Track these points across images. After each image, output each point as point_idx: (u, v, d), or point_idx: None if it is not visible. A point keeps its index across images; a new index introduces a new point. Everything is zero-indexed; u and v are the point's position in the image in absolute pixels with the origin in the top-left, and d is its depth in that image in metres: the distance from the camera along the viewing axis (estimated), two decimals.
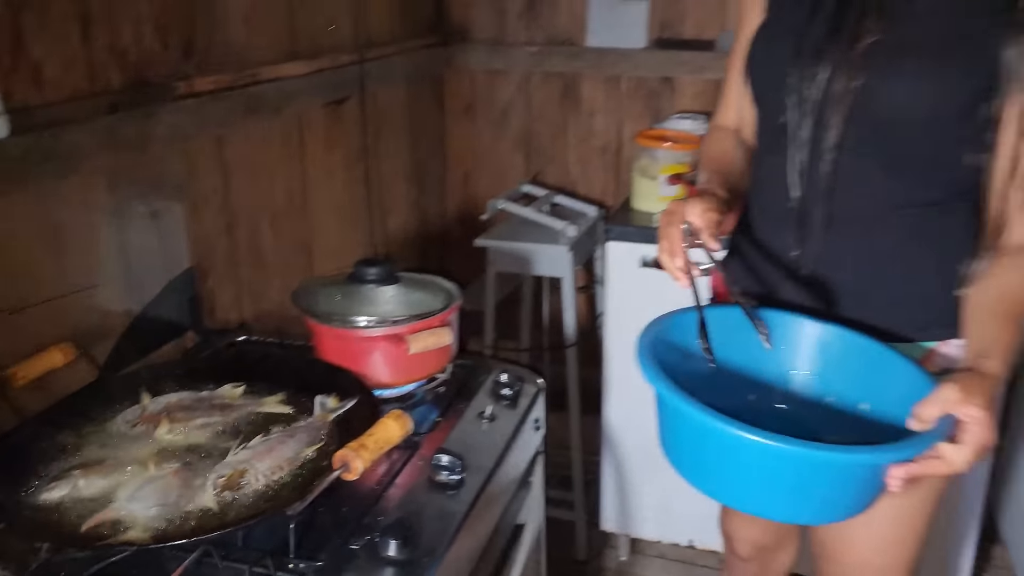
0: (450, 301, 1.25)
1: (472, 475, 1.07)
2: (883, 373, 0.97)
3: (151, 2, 1.37)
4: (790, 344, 1.04)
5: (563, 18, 2.37)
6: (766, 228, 1.14)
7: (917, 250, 1.05)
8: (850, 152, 1.02)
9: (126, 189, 1.35)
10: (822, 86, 1.00)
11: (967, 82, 0.97)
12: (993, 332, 0.94)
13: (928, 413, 0.84)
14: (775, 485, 0.85)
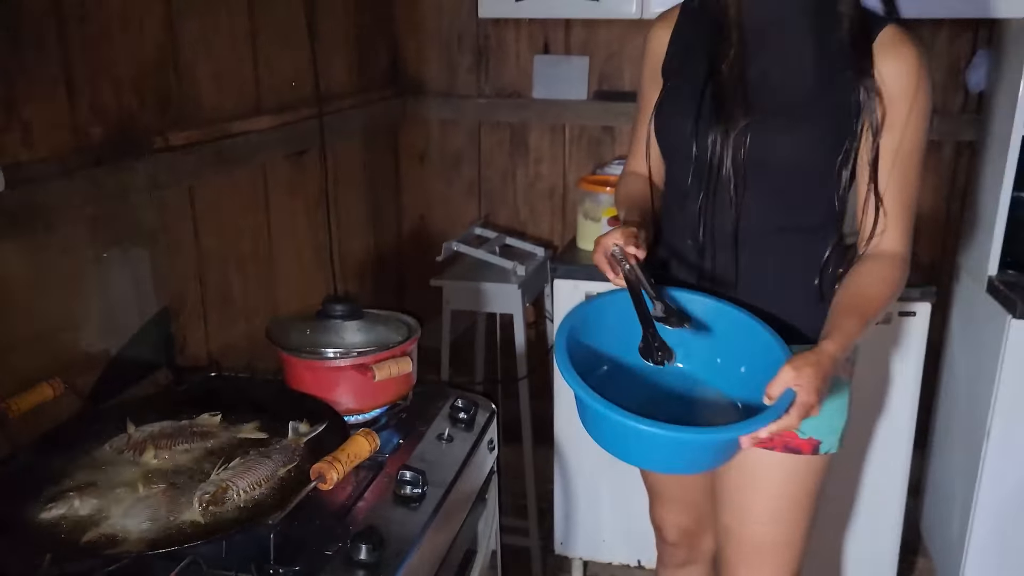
0: (411, 333, 1.37)
1: (433, 489, 1.19)
2: (754, 342, 1.18)
3: (129, 65, 1.49)
4: (697, 317, 1.23)
5: (510, 72, 2.55)
6: (676, 254, 1.33)
7: (793, 265, 1.26)
8: (738, 195, 1.22)
9: (105, 236, 1.45)
10: (714, 149, 1.21)
11: (828, 136, 1.18)
12: (839, 320, 1.15)
13: (773, 391, 1.06)
14: (658, 450, 1.09)
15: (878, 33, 1.17)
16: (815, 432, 1.28)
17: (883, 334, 1.96)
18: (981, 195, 2.17)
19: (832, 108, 1.17)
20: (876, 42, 1.16)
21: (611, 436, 1.11)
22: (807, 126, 1.19)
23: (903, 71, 1.16)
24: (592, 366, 1.18)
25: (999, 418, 1.95)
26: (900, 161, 1.18)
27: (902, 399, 1.99)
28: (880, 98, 1.16)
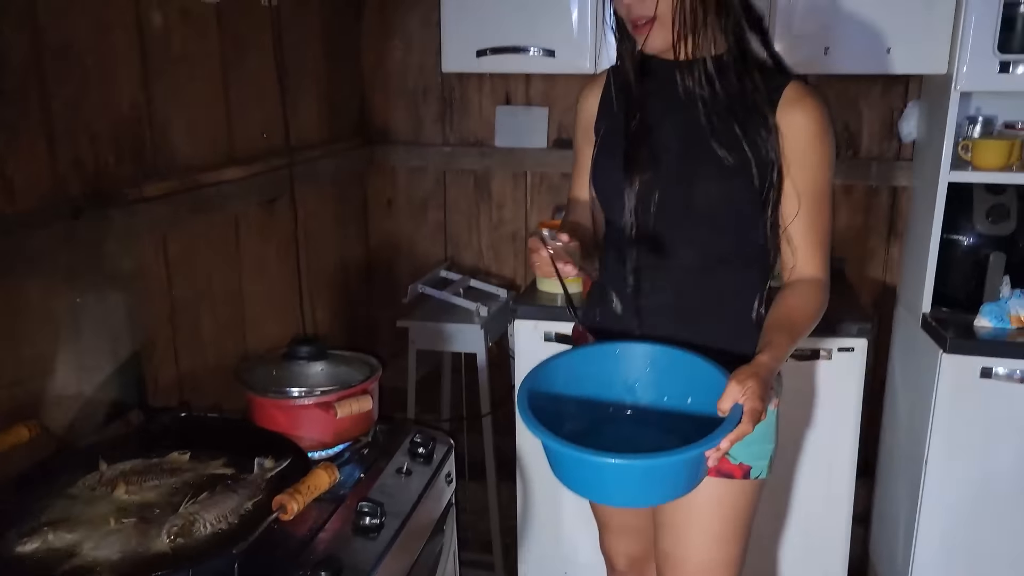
0: (372, 372, 1.46)
1: (391, 519, 1.26)
2: (695, 374, 1.26)
3: (106, 120, 1.58)
4: (631, 363, 1.32)
5: (474, 122, 2.67)
6: (617, 295, 1.43)
7: (724, 302, 1.37)
8: (664, 233, 1.35)
9: (81, 283, 1.52)
10: (638, 198, 1.34)
11: (744, 183, 1.31)
12: (771, 336, 1.27)
13: (725, 405, 1.16)
14: (634, 483, 1.15)
15: (783, 89, 1.30)
16: (746, 458, 1.38)
17: (824, 369, 2.07)
18: (915, 237, 2.31)
19: (746, 158, 1.30)
20: (782, 97, 1.30)
21: (586, 479, 1.17)
22: (726, 174, 1.31)
23: (808, 122, 1.29)
24: (554, 425, 1.23)
25: (935, 448, 2.06)
26: (812, 200, 1.32)
27: (844, 430, 2.10)
28: (788, 146, 1.29)
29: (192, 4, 1.81)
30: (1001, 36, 1.94)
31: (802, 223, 1.33)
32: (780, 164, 1.31)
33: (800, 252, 1.34)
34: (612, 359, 1.32)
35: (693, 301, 1.38)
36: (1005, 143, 2.07)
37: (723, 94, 1.31)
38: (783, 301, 1.34)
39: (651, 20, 1.27)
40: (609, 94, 1.43)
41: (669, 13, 1.26)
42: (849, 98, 2.44)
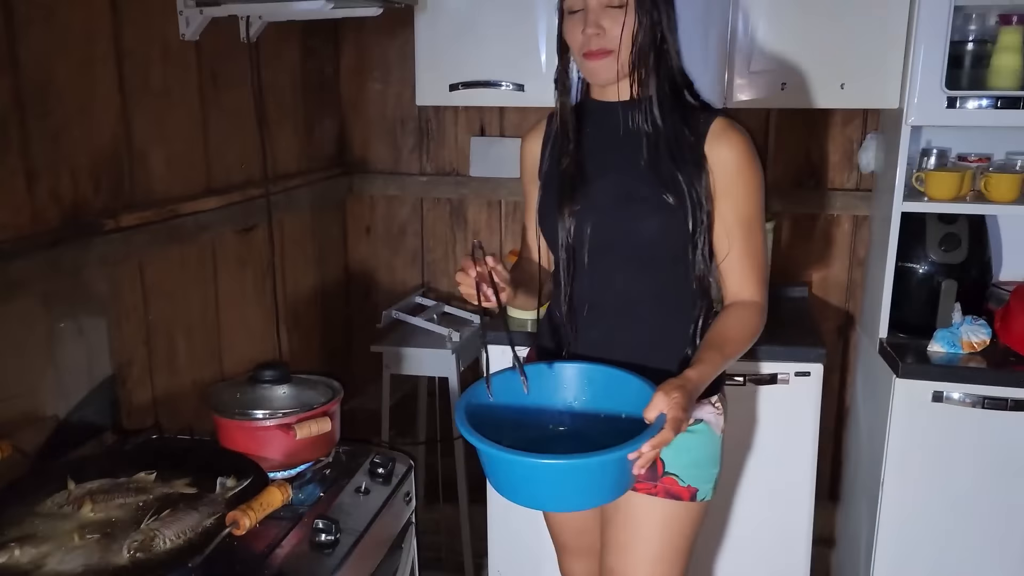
0: (333, 395, 1.52)
1: (346, 536, 1.32)
2: (627, 390, 1.33)
3: (86, 154, 1.66)
4: (568, 382, 1.40)
5: (449, 152, 2.75)
6: (557, 320, 1.51)
7: (663, 333, 1.44)
8: (599, 269, 1.43)
9: (58, 308, 1.59)
10: (574, 235, 1.43)
11: (675, 218, 1.38)
12: (702, 353, 1.35)
13: (650, 414, 1.23)
14: (562, 485, 1.23)
15: (709, 126, 1.38)
16: (693, 480, 1.45)
17: (781, 393, 2.14)
18: (872, 265, 2.39)
19: (680, 195, 1.37)
20: (709, 132, 1.38)
21: (517, 482, 1.25)
22: (660, 208, 1.38)
23: (733, 154, 1.38)
24: (495, 437, 1.29)
25: (891, 470, 2.12)
26: (743, 228, 1.40)
27: (802, 453, 2.16)
28: (717, 179, 1.37)
29: (172, 41, 1.90)
30: (948, 73, 2.03)
31: (736, 250, 1.40)
32: (711, 199, 1.38)
33: (736, 278, 1.42)
34: (549, 378, 1.40)
35: (628, 335, 1.46)
36: (957, 175, 2.16)
37: (663, 133, 1.39)
38: (718, 322, 1.41)
39: (606, 53, 1.36)
40: (549, 139, 1.51)
41: (622, 48, 1.35)
42: (810, 130, 2.53)
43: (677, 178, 1.37)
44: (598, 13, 1.35)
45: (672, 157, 1.38)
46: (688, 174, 1.37)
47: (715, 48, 2.17)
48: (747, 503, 2.21)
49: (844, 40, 2.14)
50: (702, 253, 1.40)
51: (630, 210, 1.40)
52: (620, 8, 1.34)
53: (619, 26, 1.34)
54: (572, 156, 1.43)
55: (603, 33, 1.35)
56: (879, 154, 2.39)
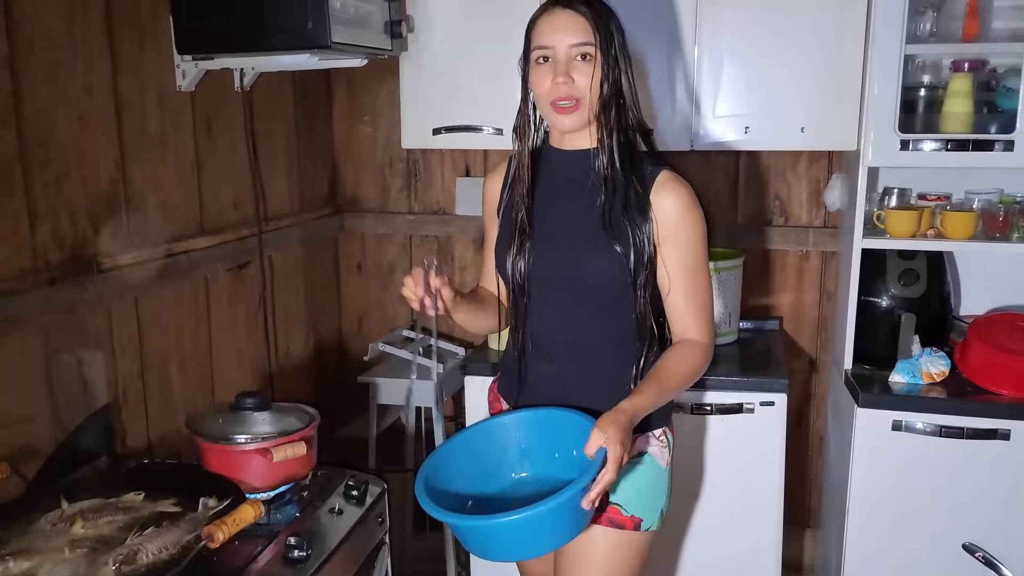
0: (310, 421, 1.63)
1: (316, 553, 1.42)
2: (573, 428, 1.41)
3: (85, 198, 1.79)
4: (519, 430, 1.49)
5: (436, 192, 2.88)
6: (512, 356, 1.61)
7: (607, 370, 1.54)
8: (547, 308, 1.53)
9: (56, 342, 1.71)
10: (522, 275, 1.53)
11: (619, 262, 1.48)
12: (640, 386, 1.43)
13: (589, 450, 1.30)
14: (527, 537, 1.31)
15: (655, 178, 1.49)
16: (637, 511, 1.53)
17: (746, 422, 2.22)
18: (839, 298, 2.49)
19: (627, 241, 1.47)
20: (655, 185, 1.49)
21: (485, 543, 1.34)
22: (605, 251, 1.48)
23: (677, 204, 1.48)
24: (459, 503, 1.42)
25: (855, 496, 2.20)
26: (686, 273, 1.50)
27: (769, 480, 2.24)
28: (660, 228, 1.47)
29: (168, 91, 2.04)
30: (902, 117, 2.15)
31: (680, 294, 1.50)
32: (655, 246, 1.48)
33: (681, 319, 1.51)
34: (502, 429, 1.50)
35: (576, 371, 1.55)
36: (915, 213, 2.27)
37: (615, 181, 1.49)
38: (662, 357, 1.50)
39: (574, 103, 1.47)
40: (508, 179, 1.62)
41: (588, 98, 1.46)
42: (778, 170, 2.64)
43: (624, 224, 1.47)
44: (567, 64, 1.45)
45: (621, 205, 1.48)
46: (634, 221, 1.47)
47: (680, 95, 2.30)
48: (715, 529, 2.29)
49: (803, 85, 2.26)
50: (643, 296, 1.50)
51: (578, 252, 1.51)
52: (588, 61, 1.45)
53: (587, 77, 1.45)
54: (526, 198, 1.53)
55: (571, 83, 1.45)
56: (843, 193, 2.50)
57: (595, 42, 1.44)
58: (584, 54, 1.45)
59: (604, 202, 1.49)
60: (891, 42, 2.11)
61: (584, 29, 1.44)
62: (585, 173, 1.52)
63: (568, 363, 1.56)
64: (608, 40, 1.45)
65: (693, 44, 2.28)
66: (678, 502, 2.27)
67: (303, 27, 1.88)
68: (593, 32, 1.44)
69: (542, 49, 1.46)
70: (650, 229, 1.47)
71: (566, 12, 1.45)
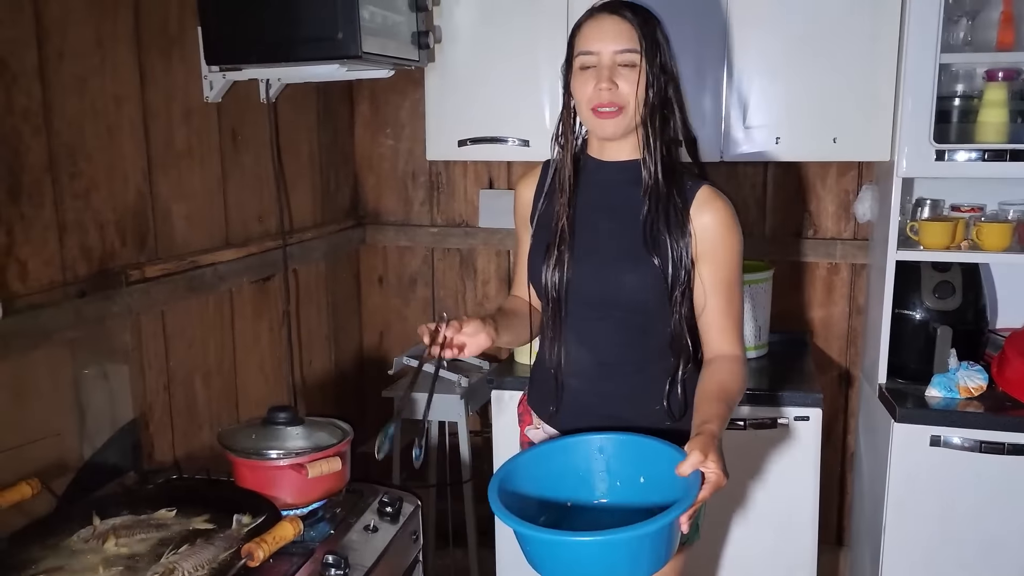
0: (344, 436, 1.60)
1: (354, 571, 1.38)
2: (643, 452, 1.35)
3: (113, 211, 1.77)
4: (585, 454, 1.42)
5: (459, 204, 2.86)
6: (544, 367, 1.57)
7: (642, 388, 1.49)
8: (583, 319, 1.49)
9: (84, 356, 1.68)
10: (560, 288, 1.49)
11: (659, 278, 1.45)
12: (712, 407, 1.37)
13: (684, 470, 1.23)
14: (619, 560, 1.20)
15: (696, 193, 1.46)
16: None
17: (782, 437, 2.18)
18: (871, 312, 2.45)
19: (665, 255, 1.44)
20: (695, 199, 1.46)
21: (564, 563, 1.22)
22: (643, 266, 1.45)
23: (717, 221, 1.45)
24: (528, 517, 1.29)
25: (891, 513, 2.15)
26: (723, 289, 1.47)
27: (804, 497, 2.19)
28: (699, 244, 1.44)
29: (195, 103, 2.02)
30: (936, 127, 2.12)
31: (717, 310, 1.47)
32: (693, 262, 1.45)
33: (716, 334, 1.48)
34: (584, 448, 1.41)
35: (608, 385, 1.51)
36: (949, 224, 2.23)
37: (657, 195, 1.46)
38: (712, 376, 1.45)
39: (617, 109, 1.44)
40: (543, 186, 1.59)
41: (631, 105, 1.43)
42: (807, 182, 2.61)
43: (663, 239, 1.44)
44: (611, 70, 1.42)
45: (661, 219, 1.45)
46: (673, 236, 1.44)
47: (710, 105, 2.27)
48: (750, 547, 2.24)
49: (835, 95, 2.23)
50: (679, 312, 1.47)
51: (615, 266, 1.47)
52: (632, 68, 1.42)
53: (630, 84, 1.42)
54: (565, 209, 1.50)
55: (615, 89, 1.42)
56: (874, 204, 2.47)
57: (640, 50, 1.41)
58: (629, 62, 1.42)
59: (645, 216, 1.46)
60: (925, 51, 2.08)
61: (630, 36, 1.41)
62: (625, 185, 1.49)
63: (602, 377, 1.52)
64: (654, 48, 1.42)
65: (723, 53, 2.26)
66: (713, 518, 2.22)
67: (333, 37, 1.87)
68: (639, 40, 1.41)
69: (586, 55, 1.43)
70: (689, 245, 1.44)
71: (612, 18, 1.42)
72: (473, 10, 2.39)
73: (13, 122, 1.52)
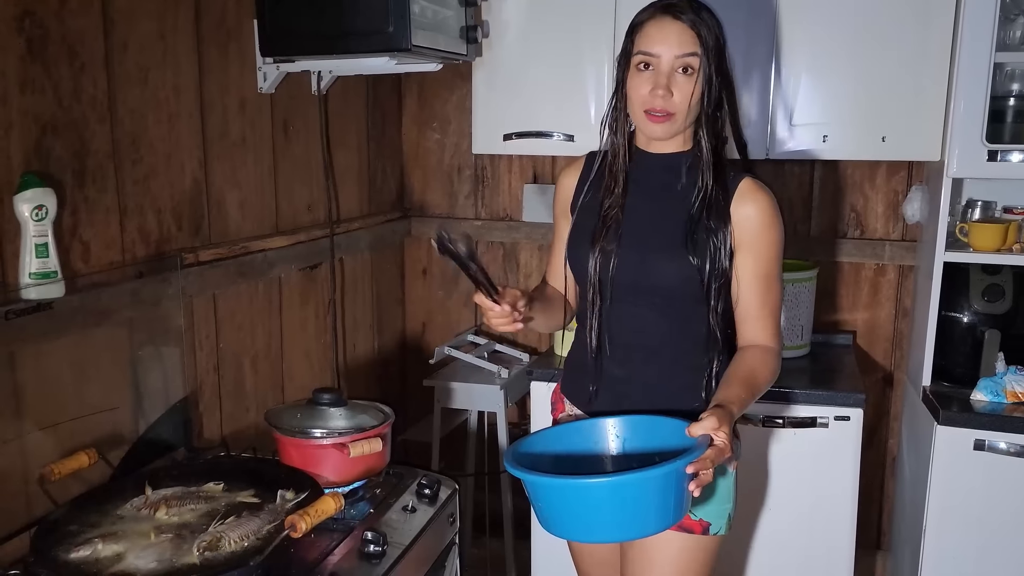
0: (385, 419, 1.64)
1: (392, 549, 1.43)
2: (657, 431, 1.39)
3: (171, 196, 1.84)
4: (603, 438, 1.46)
5: (503, 198, 2.89)
6: (580, 356, 1.59)
7: (681, 374, 1.51)
8: (624, 309, 1.51)
9: (140, 335, 1.75)
10: (604, 273, 1.51)
11: (699, 266, 1.46)
12: (735, 389, 1.40)
13: (696, 430, 1.28)
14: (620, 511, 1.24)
15: (738, 184, 1.47)
16: (705, 515, 1.50)
17: (821, 437, 2.17)
18: (917, 314, 2.42)
19: (705, 248, 1.46)
20: (737, 191, 1.47)
21: (570, 512, 1.27)
22: (682, 257, 1.47)
23: (758, 213, 1.46)
24: None
25: (932, 518, 2.13)
26: (762, 281, 1.48)
27: (843, 498, 2.18)
28: (739, 235, 1.46)
29: (249, 94, 2.08)
30: (989, 127, 2.09)
31: (753, 301, 1.48)
32: (732, 254, 1.46)
33: (753, 326, 1.49)
34: (600, 429, 1.46)
35: (647, 374, 1.53)
36: (1000, 226, 2.20)
37: (702, 189, 1.47)
38: (744, 360, 1.47)
39: (668, 115, 1.45)
40: (587, 176, 1.61)
41: (684, 112, 1.44)
42: (855, 181, 2.59)
43: (704, 231, 1.46)
44: (669, 76, 1.43)
45: (703, 211, 1.47)
46: (714, 228, 1.46)
47: (756, 102, 2.27)
48: (786, 547, 2.23)
49: (885, 93, 2.21)
50: (717, 304, 1.48)
51: (656, 255, 1.49)
52: (689, 75, 1.43)
53: (685, 94, 1.43)
54: (613, 197, 1.52)
55: (669, 96, 1.43)
56: (924, 205, 2.44)
57: (699, 54, 1.42)
58: (687, 66, 1.43)
59: (689, 208, 1.47)
60: (980, 50, 2.05)
61: (691, 42, 1.42)
62: (670, 177, 1.51)
63: (639, 366, 1.54)
64: (712, 54, 1.43)
65: (771, 50, 2.25)
66: (747, 516, 2.22)
67: (384, 30, 1.91)
68: (699, 45, 1.42)
69: (645, 55, 1.44)
70: (729, 237, 1.46)
71: (676, 23, 1.43)
72: (521, 5, 2.41)
73: (81, 109, 1.59)
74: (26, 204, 1.45)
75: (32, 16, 1.48)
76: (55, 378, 1.54)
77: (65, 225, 1.57)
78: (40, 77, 1.50)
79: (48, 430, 1.50)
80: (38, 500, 1.42)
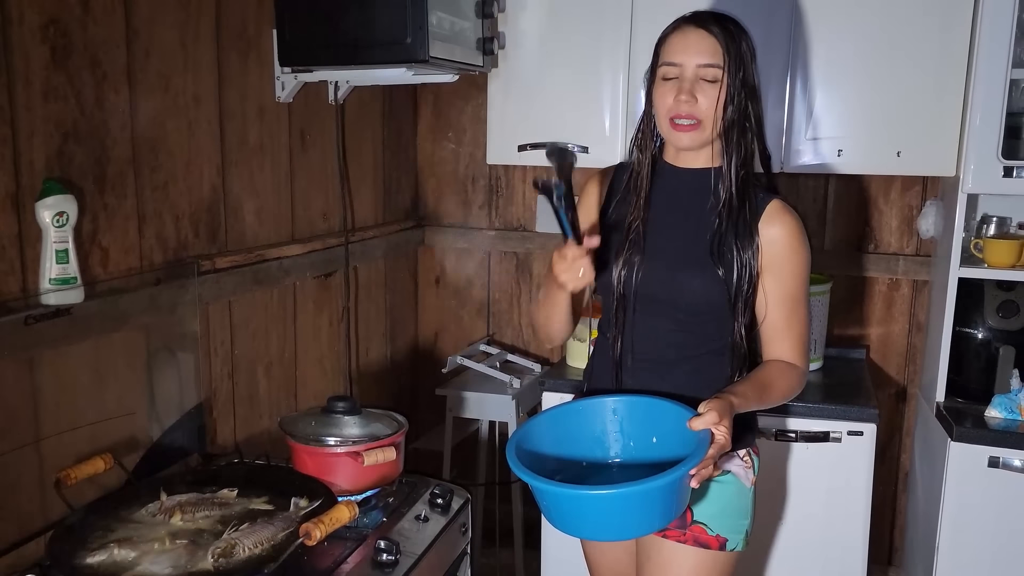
0: (399, 428, 1.64)
1: (405, 558, 1.43)
2: (672, 418, 1.38)
3: (188, 203, 1.85)
4: (621, 412, 1.47)
5: (517, 209, 2.90)
6: (602, 368, 1.59)
7: (697, 383, 1.50)
8: (647, 321, 1.51)
9: (157, 341, 1.77)
10: (628, 285, 1.51)
11: (724, 282, 1.46)
12: (743, 385, 1.42)
13: (697, 425, 1.30)
14: (627, 515, 1.28)
15: (766, 206, 1.48)
16: (722, 530, 1.50)
17: (832, 451, 2.16)
18: (932, 329, 2.41)
19: (731, 266, 1.46)
20: (764, 213, 1.47)
21: (583, 516, 1.30)
22: (708, 272, 1.47)
23: (784, 235, 1.46)
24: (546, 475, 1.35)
25: (945, 535, 2.12)
26: (787, 302, 1.48)
27: (855, 513, 2.17)
28: (766, 256, 1.46)
29: (267, 103, 2.10)
30: (1004, 143, 2.09)
31: (778, 322, 1.48)
32: (758, 274, 1.47)
33: (778, 343, 1.49)
34: (599, 409, 1.47)
35: (667, 387, 1.51)
36: (1015, 243, 2.19)
37: (728, 205, 1.47)
38: (763, 367, 1.49)
39: (695, 122, 1.46)
40: (615, 187, 1.60)
41: (709, 120, 1.45)
42: (870, 196, 2.59)
43: (730, 248, 1.46)
44: (693, 84, 1.44)
45: (730, 229, 1.47)
46: (740, 247, 1.46)
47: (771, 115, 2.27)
48: (797, 561, 2.22)
49: (900, 108, 2.21)
50: (741, 321, 1.48)
51: (681, 270, 1.49)
52: (714, 83, 1.44)
53: (711, 99, 1.43)
54: (640, 211, 1.53)
55: (694, 102, 1.44)
56: (938, 220, 2.43)
57: (723, 65, 1.43)
58: (711, 76, 1.43)
59: (716, 224, 1.47)
60: (996, 66, 2.05)
61: (714, 51, 1.43)
62: (698, 192, 1.51)
63: (659, 378, 1.54)
64: (737, 64, 1.43)
65: (787, 64, 2.26)
66: (757, 530, 2.21)
67: (402, 41, 1.93)
68: (723, 55, 1.43)
69: (669, 66, 1.45)
70: (755, 257, 1.46)
71: (698, 32, 1.44)
72: (538, 18, 2.43)
73: (103, 116, 1.61)
74: (47, 210, 1.47)
75: (56, 24, 1.50)
76: (72, 383, 1.55)
77: (85, 231, 1.58)
78: (63, 85, 1.52)
79: (65, 434, 1.51)
80: (54, 504, 1.43)
